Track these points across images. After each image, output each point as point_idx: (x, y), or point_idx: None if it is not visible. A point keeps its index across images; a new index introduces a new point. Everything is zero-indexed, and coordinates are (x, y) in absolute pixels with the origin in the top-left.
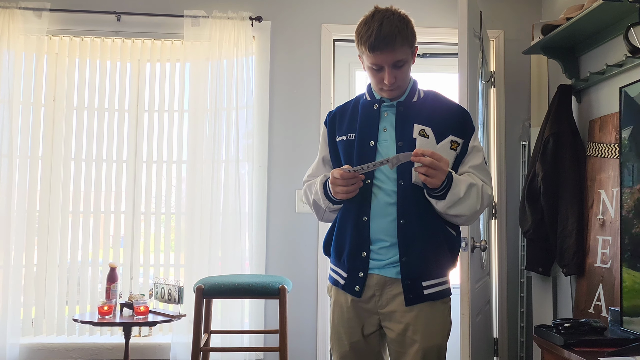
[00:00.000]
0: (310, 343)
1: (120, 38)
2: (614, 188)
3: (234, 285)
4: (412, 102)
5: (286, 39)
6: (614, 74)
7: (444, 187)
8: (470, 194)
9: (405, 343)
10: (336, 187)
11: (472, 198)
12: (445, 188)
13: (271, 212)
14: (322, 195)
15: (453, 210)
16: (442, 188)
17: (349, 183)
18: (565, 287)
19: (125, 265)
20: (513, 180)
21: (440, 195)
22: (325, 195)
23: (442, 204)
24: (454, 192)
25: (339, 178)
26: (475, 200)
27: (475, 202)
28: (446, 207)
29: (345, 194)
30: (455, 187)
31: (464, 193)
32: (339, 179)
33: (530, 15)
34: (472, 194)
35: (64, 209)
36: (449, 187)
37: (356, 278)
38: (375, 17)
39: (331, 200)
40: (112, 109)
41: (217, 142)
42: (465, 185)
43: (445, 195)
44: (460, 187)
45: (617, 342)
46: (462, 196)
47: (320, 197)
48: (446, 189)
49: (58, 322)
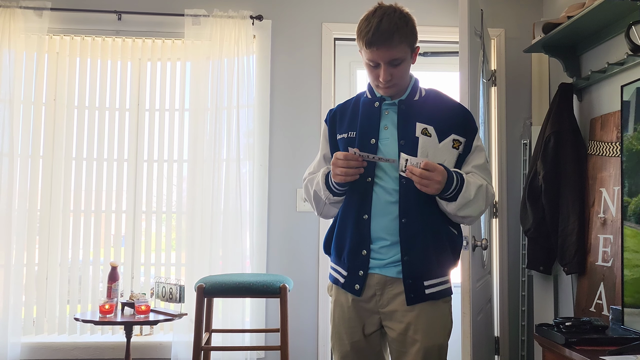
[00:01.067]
0: (311, 342)
1: (121, 37)
2: (615, 187)
3: (235, 284)
4: (414, 100)
5: (287, 37)
6: (615, 72)
7: (456, 188)
8: (479, 195)
9: (407, 342)
10: (337, 167)
11: (480, 200)
12: (457, 190)
13: (272, 211)
14: (323, 186)
15: (462, 211)
16: (453, 190)
17: (350, 165)
18: (566, 286)
19: (127, 264)
20: (514, 178)
21: (452, 198)
22: (326, 185)
23: (453, 206)
24: (464, 195)
25: (341, 159)
26: (482, 202)
27: (482, 203)
28: (457, 209)
29: (344, 176)
30: (466, 190)
31: (474, 195)
32: (341, 159)
33: (531, 13)
34: (480, 196)
35: (65, 208)
36: (461, 189)
37: (356, 276)
38: (376, 13)
39: (331, 191)
40: (113, 108)
41: (218, 141)
42: (475, 187)
43: (456, 197)
44: (471, 190)
45: (618, 341)
46: (472, 198)
47: (322, 188)
48: (457, 191)
49: (59, 321)
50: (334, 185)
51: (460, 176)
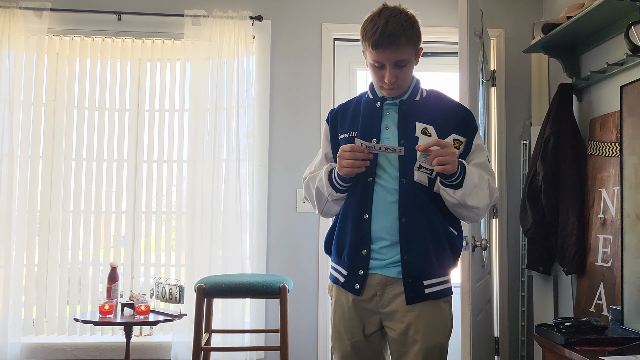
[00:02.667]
0: (311, 342)
1: (121, 38)
2: (614, 187)
3: (235, 284)
4: (415, 100)
5: (286, 38)
6: (614, 72)
7: (461, 173)
8: (482, 183)
9: (407, 343)
10: (343, 159)
11: (484, 189)
12: (461, 175)
13: (272, 211)
14: (326, 182)
15: (470, 200)
16: (458, 175)
17: (357, 157)
18: (566, 286)
19: (126, 264)
20: (514, 179)
21: (457, 184)
22: (329, 182)
23: (460, 193)
24: (469, 179)
25: (348, 150)
26: (486, 192)
27: (486, 194)
28: (464, 196)
29: (351, 168)
30: (469, 174)
31: (478, 180)
32: (347, 151)
33: (531, 14)
34: (484, 184)
35: (64, 209)
36: (464, 174)
37: (356, 276)
38: (382, 15)
39: (335, 188)
40: (113, 108)
41: (218, 141)
42: (477, 173)
43: (462, 183)
44: (474, 175)
45: (618, 341)
46: (477, 183)
47: (325, 184)
48: (462, 176)
49: (59, 321)
50: (338, 181)
51: (461, 161)
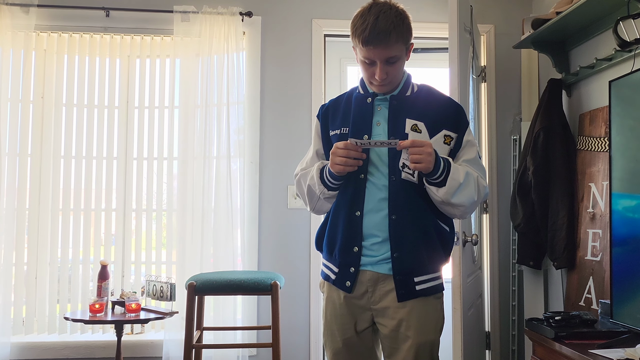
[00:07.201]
0: (303, 339)
1: (110, 34)
2: (603, 181)
3: (226, 281)
4: (406, 96)
5: (277, 34)
6: (603, 67)
7: (443, 171)
8: (469, 181)
9: (399, 339)
10: (336, 157)
11: (470, 186)
12: (445, 173)
13: (263, 208)
14: (317, 180)
15: (455, 198)
16: (441, 173)
17: (350, 155)
18: (556, 281)
19: (117, 262)
20: (504, 174)
21: (441, 182)
22: (320, 179)
23: (443, 191)
24: (453, 178)
25: (342, 148)
26: (473, 190)
27: (473, 191)
28: (448, 194)
29: (344, 166)
30: (454, 172)
31: (463, 179)
32: (341, 149)
33: (521, 9)
34: (471, 182)
35: (54, 207)
36: (448, 172)
37: (347, 273)
38: (372, 10)
39: (326, 186)
40: (102, 105)
41: (208, 138)
42: (463, 172)
43: (445, 182)
44: (459, 173)
45: (607, 334)
46: (462, 182)
47: (316, 182)
48: (445, 174)
49: (49, 320)
50: (329, 179)
51: (446, 160)
